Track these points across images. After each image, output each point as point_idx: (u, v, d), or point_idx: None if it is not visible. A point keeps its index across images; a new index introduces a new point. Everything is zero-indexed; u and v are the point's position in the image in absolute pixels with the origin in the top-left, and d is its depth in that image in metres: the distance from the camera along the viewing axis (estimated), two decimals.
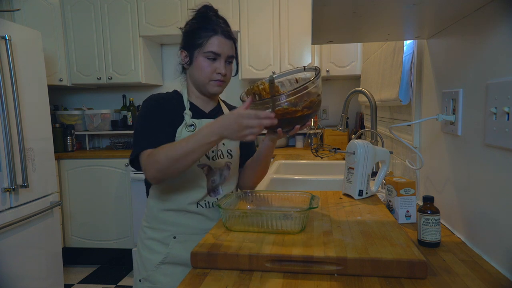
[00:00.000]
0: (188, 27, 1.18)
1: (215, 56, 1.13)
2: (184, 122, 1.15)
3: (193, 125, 1.16)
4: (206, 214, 1.16)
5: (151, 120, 1.12)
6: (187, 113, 1.16)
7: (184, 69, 1.22)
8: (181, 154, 0.97)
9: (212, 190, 1.17)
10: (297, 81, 1.10)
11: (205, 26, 1.14)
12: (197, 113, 1.19)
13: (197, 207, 1.15)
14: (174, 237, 1.15)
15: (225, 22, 1.18)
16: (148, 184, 1.23)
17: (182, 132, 1.14)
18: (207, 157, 1.17)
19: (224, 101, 1.32)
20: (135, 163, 1.11)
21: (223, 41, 1.14)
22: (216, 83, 1.15)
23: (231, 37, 1.16)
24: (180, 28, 1.22)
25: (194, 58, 1.15)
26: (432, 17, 0.96)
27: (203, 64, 1.13)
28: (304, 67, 1.09)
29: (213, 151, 1.18)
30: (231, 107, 1.32)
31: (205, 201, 1.16)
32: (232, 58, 1.18)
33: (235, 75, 1.23)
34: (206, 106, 1.23)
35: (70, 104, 3.72)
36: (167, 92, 1.22)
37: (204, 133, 0.95)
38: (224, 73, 1.14)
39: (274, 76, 1.04)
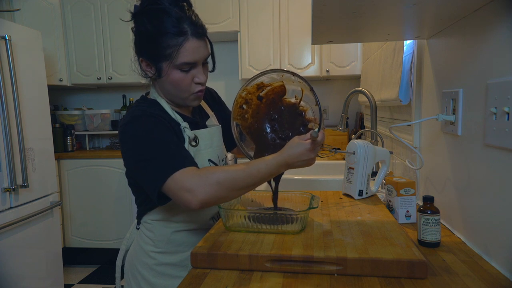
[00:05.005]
0: (142, 27, 0.90)
1: (191, 66, 0.92)
2: (187, 138, 0.98)
3: (195, 137, 1.00)
4: None
5: (166, 139, 0.89)
6: (186, 126, 0.98)
7: (150, 78, 0.98)
8: (251, 182, 0.85)
9: None
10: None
11: (169, 29, 0.87)
12: (190, 123, 1.02)
13: (213, 221, 1.09)
14: None
15: (189, 8, 0.91)
16: (143, 211, 1.05)
17: (189, 150, 0.96)
18: (217, 163, 1.07)
19: None
20: (165, 194, 0.87)
21: (197, 44, 0.90)
22: (196, 95, 0.97)
23: (204, 33, 0.92)
24: (128, 22, 0.93)
25: (163, 72, 0.92)
26: (432, 17, 0.96)
27: (177, 77, 0.92)
28: (293, 73, 0.96)
29: (222, 160, 1.11)
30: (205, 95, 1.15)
31: (217, 213, 1.11)
32: (208, 56, 0.96)
33: (213, 71, 1.00)
34: (186, 110, 1.06)
35: (70, 104, 3.72)
36: (142, 104, 0.98)
37: (273, 164, 0.85)
38: (205, 80, 0.96)
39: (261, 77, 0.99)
